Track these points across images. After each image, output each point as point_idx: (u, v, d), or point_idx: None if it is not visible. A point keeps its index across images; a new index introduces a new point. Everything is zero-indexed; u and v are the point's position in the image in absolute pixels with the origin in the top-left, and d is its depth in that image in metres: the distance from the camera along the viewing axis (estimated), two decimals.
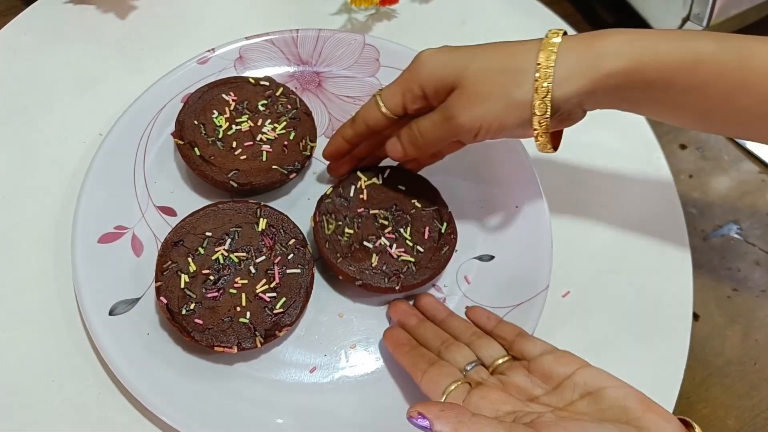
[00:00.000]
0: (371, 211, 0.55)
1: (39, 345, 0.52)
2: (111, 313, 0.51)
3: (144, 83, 0.60)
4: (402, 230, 0.55)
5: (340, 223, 0.54)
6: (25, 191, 0.58)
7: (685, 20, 0.66)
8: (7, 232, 0.56)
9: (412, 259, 0.53)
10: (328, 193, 0.55)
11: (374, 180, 0.56)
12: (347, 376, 0.52)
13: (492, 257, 0.57)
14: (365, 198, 0.55)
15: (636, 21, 0.71)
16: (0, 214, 0.57)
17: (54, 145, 0.60)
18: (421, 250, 0.54)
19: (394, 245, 0.54)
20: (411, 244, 0.54)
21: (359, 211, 0.55)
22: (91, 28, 0.67)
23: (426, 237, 0.55)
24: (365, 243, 0.54)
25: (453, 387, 0.43)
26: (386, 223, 0.55)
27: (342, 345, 0.53)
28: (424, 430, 0.36)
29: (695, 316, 0.61)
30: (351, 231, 0.54)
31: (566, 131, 0.66)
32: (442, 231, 0.55)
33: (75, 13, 0.67)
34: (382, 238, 0.54)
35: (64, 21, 0.67)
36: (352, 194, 0.55)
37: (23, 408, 0.50)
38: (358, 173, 0.56)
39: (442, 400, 0.42)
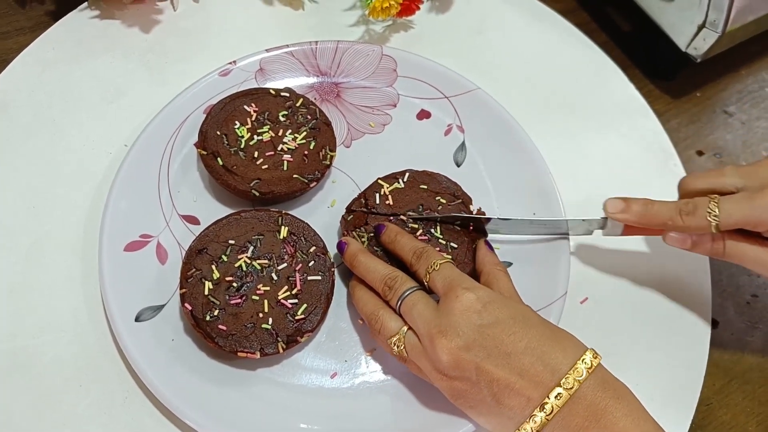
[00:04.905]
0: (400, 217, 0.56)
1: (67, 350, 0.53)
2: (137, 319, 0.52)
3: (168, 95, 0.61)
4: (433, 230, 0.55)
5: (371, 234, 0.55)
6: (54, 201, 0.59)
7: (701, 27, 0.66)
8: (37, 240, 0.57)
9: (450, 257, 0.54)
10: (352, 207, 0.56)
11: (396, 184, 0.57)
12: (368, 382, 0.52)
13: (510, 264, 0.58)
14: (392, 203, 0.56)
15: (651, 29, 0.71)
16: (30, 223, 0.58)
17: (81, 156, 0.61)
18: (455, 245, 0.55)
19: None
20: (444, 242, 0.55)
21: (390, 220, 0.56)
22: (117, 42, 0.68)
23: (457, 232, 0.56)
24: None
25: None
26: (416, 226, 0.55)
27: (362, 351, 0.54)
28: None
29: (714, 323, 0.60)
30: None
31: (583, 138, 0.67)
32: (471, 223, 0.56)
33: (101, 28, 0.69)
34: None
35: (90, 35, 0.68)
36: (378, 202, 0.56)
37: (52, 411, 0.51)
38: (379, 181, 0.57)
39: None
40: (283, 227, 0.54)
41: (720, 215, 0.49)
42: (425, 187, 0.57)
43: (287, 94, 0.61)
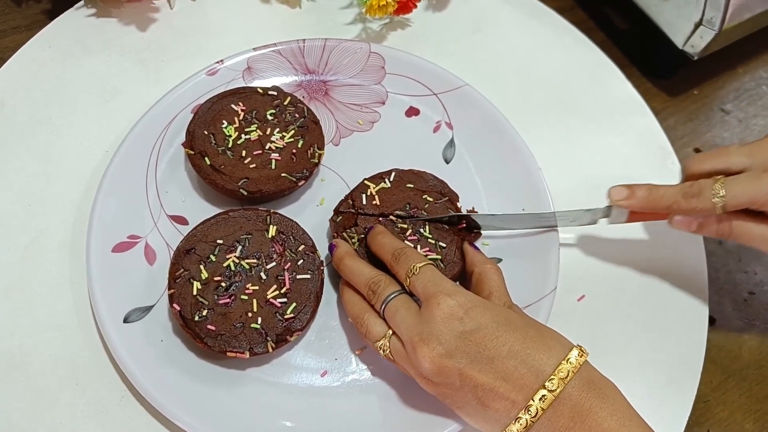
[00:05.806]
0: (390, 217, 0.55)
1: (63, 349, 0.53)
2: (125, 320, 0.52)
3: (164, 93, 0.61)
4: (422, 230, 0.55)
5: (362, 236, 0.55)
6: (51, 199, 0.59)
7: (697, 25, 0.65)
8: (35, 238, 0.57)
9: (439, 257, 0.54)
10: (340, 209, 0.56)
11: (382, 184, 0.57)
12: (358, 380, 0.52)
13: (500, 260, 0.57)
14: (378, 203, 0.56)
15: (649, 27, 0.71)
16: (27, 222, 0.58)
17: (78, 154, 0.61)
18: (444, 245, 0.55)
19: (419, 246, 0.54)
20: (433, 241, 0.55)
21: (379, 221, 0.55)
22: (113, 41, 0.68)
23: (446, 231, 0.56)
24: None
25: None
26: (405, 226, 0.55)
27: (352, 349, 0.53)
28: None
29: (712, 320, 0.60)
30: None
31: (580, 136, 0.66)
32: (464, 221, 0.56)
33: (97, 26, 0.69)
34: (405, 242, 0.54)
35: (86, 34, 0.68)
36: (365, 203, 0.56)
37: (50, 410, 0.50)
38: (366, 181, 0.57)
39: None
40: (271, 226, 0.54)
41: (726, 196, 0.49)
42: (412, 186, 0.57)
43: (275, 93, 0.60)
